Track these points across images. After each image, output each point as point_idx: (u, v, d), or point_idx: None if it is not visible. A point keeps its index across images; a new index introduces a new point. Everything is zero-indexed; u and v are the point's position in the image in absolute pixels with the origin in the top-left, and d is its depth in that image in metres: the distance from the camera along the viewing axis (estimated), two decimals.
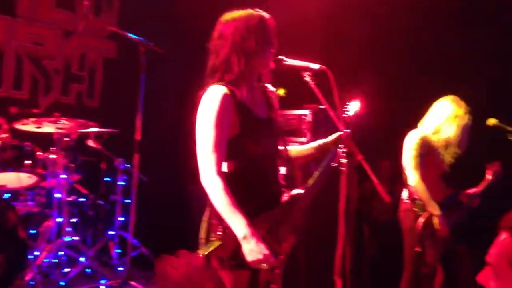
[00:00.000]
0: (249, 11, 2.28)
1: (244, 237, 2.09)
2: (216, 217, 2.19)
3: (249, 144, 2.22)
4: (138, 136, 4.30)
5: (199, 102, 2.24)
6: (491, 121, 3.64)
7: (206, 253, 2.14)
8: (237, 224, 2.10)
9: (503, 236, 1.23)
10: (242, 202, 2.14)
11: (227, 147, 2.20)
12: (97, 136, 4.85)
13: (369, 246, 5.01)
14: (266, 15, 2.30)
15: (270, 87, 2.44)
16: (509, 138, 3.51)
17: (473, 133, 3.76)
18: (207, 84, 2.25)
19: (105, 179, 5.07)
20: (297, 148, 2.59)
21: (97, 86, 5.78)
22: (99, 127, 4.69)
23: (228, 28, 2.25)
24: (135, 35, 4.36)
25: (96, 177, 5.05)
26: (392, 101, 4.98)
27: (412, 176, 3.60)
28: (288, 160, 2.44)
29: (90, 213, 4.82)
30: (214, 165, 2.14)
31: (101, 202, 4.93)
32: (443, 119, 3.72)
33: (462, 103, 3.75)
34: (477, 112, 3.78)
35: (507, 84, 4.83)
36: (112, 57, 5.79)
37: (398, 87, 5.09)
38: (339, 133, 2.43)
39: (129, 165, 4.73)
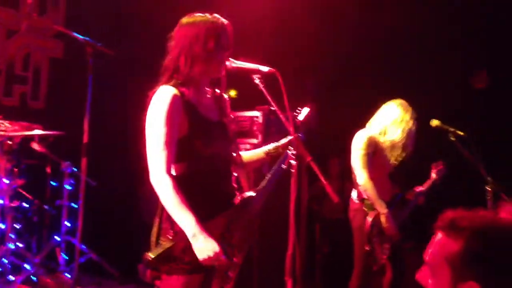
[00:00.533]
0: (206, 16, 2.30)
1: (193, 235, 2.08)
2: (168, 220, 2.18)
3: (198, 145, 2.23)
4: (85, 138, 4.19)
5: (149, 102, 2.24)
6: (434, 122, 3.76)
7: (154, 256, 2.11)
8: (186, 222, 2.09)
9: (439, 235, 1.27)
10: (194, 204, 2.13)
11: (178, 148, 2.20)
12: (42, 139, 4.69)
13: (321, 244, 5.08)
14: (220, 21, 2.31)
15: (222, 93, 2.44)
16: (451, 138, 3.64)
17: (418, 135, 3.88)
18: (157, 85, 2.26)
19: (51, 183, 4.91)
20: (249, 153, 2.61)
21: (42, 87, 5.60)
22: (44, 130, 4.55)
23: (180, 31, 2.30)
24: (82, 35, 4.24)
25: (41, 181, 4.88)
26: (340, 101, 5.08)
27: (361, 175, 3.68)
28: (241, 164, 2.46)
29: (35, 218, 4.66)
30: (164, 163, 2.14)
31: (46, 207, 4.78)
32: (390, 122, 3.82)
33: (409, 108, 3.85)
34: (421, 113, 3.90)
35: (449, 86, 5.01)
36: (58, 57, 5.63)
37: (347, 88, 5.19)
38: (289, 137, 2.46)
39: (76, 169, 4.60)
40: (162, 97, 2.20)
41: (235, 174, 2.41)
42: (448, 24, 5.00)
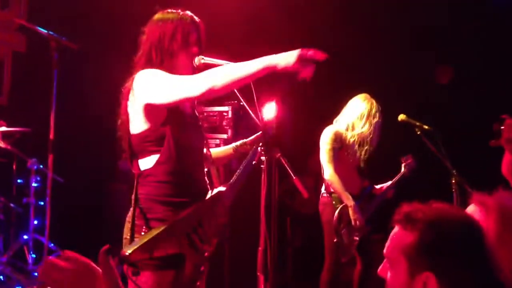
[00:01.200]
0: (177, 13, 2.34)
1: (265, 59, 2.07)
2: (141, 217, 2.19)
3: (175, 132, 2.22)
4: (51, 135, 4.11)
5: (127, 93, 2.25)
6: (401, 117, 3.84)
7: (131, 251, 2.10)
8: (260, 60, 2.09)
9: (396, 229, 1.31)
10: (173, 192, 2.17)
11: (155, 135, 2.21)
12: (6, 136, 4.58)
13: (293, 238, 5.12)
14: (190, 17, 2.34)
15: None
16: (418, 132, 3.72)
17: (385, 128, 3.95)
18: (131, 76, 2.27)
19: (17, 181, 4.81)
20: (217, 149, 2.65)
21: (6, 82, 5.45)
22: (9, 126, 4.45)
23: (151, 27, 2.34)
24: (45, 29, 4.14)
25: (7, 179, 4.78)
26: (310, 97, 5.11)
27: (327, 169, 3.73)
28: (211, 160, 2.46)
29: (1, 217, 4.57)
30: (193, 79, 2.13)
31: (13, 205, 4.68)
32: (356, 116, 3.88)
33: (374, 102, 3.92)
34: (388, 108, 3.96)
35: (416, 80, 5.10)
36: (21, 51, 5.49)
37: (318, 84, 5.23)
38: (257, 133, 2.48)
39: (42, 166, 4.51)
40: (149, 72, 2.22)
41: (206, 169, 2.41)
42: (413, 20, 5.08)
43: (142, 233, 2.15)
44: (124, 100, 2.29)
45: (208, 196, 2.33)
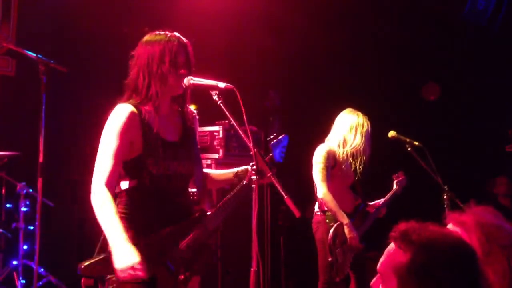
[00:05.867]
0: (164, 35, 2.35)
1: (113, 244, 2.10)
2: None
3: (149, 164, 2.27)
4: (41, 158, 4.07)
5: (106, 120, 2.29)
6: (391, 133, 3.85)
7: (86, 264, 2.17)
8: (111, 231, 2.12)
9: (391, 245, 1.31)
10: (136, 219, 2.22)
11: (130, 166, 2.27)
12: None
13: (286, 256, 5.08)
14: (178, 39, 2.35)
15: (187, 110, 2.48)
16: (408, 149, 3.73)
17: (375, 146, 3.95)
18: (117, 103, 2.32)
19: (6, 205, 4.75)
20: (219, 172, 2.66)
21: None
22: None
23: (139, 50, 2.36)
24: (34, 52, 4.14)
25: None
26: (299, 113, 5.13)
27: (320, 188, 3.72)
28: (201, 180, 2.46)
29: None
30: (105, 175, 2.18)
31: (1, 230, 4.61)
32: (346, 130, 3.88)
33: (359, 112, 3.94)
34: (378, 125, 3.98)
35: (404, 97, 5.14)
36: (10, 75, 5.46)
37: (308, 101, 5.25)
38: (246, 166, 2.49)
39: (32, 190, 4.47)
40: (118, 113, 2.27)
41: (193, 190, 2.41)
42: (400, 38, 5.15)
43: (109, 249, 2.19)
44: None
45: (191, 217, 2.35)
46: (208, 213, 2.38)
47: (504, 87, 5.12)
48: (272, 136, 2.55)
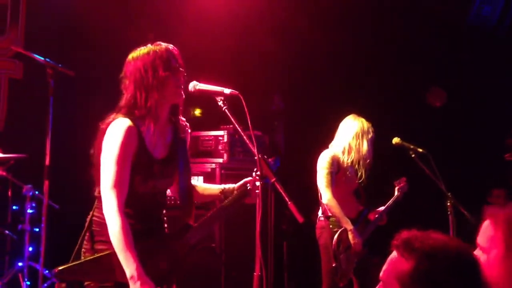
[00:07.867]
0: (149, 46, 2.34)
1: (131, 277, 2.13)
2: (89, 241, 2.32)
3: (136, 182, 2.28)
4: (47, 161, 4.10)
5: (102, 133, 2.28)
6: (395, 140, 3.86)
7: (61, 268, 2.20)
8: (129, 263, 2.15)
9: (394, 254, 1.32)
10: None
11: None
12: (2, 162, 4.57)
13: (289, 261, 5.09)
14: (164, 46, 2.34)
15: (180, 122, 2.47)
16: (412, 155, 3.73)
17: (378, 152, 3.96)
18: (113, 117, 2.30)
19: (12, 207, 4.78)
20: (205, 186, 2.68)
21: (2, 108, 5.46)
22: (4, 153, 4.45)
23: (130, 67, 2.33)
24: (42, 56, 4.18)
25: (2, 205, 4.75)
26: (303, 118, 5.14)
27: (325, 194, 3.73)
28: (187, 194, 2.46)
29: None
30: (115, 201, 2.20)
31: (8, 232, 4.65)
32: (351, 137, 3.89)
33: (363, 119, 3.95)
34: (382, 131, 3.99)
35: (409, 104, 5.14)
36: (18, 78, 5.51)
37: (312, 105, 5.26)
38: (246, 179, 2.51)
39: (38, 192, 4.50)
40: (116, 130, 2.25)
41: (171, 196, 2.50)
42: (407, 42, 5.15)
43: (88, 254, 2.26)
44: (100, 135, 2.32)
45: (171, 233, 2.39)
46: (190, 227, 2.39)
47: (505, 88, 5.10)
48: (266, 157, 2.52)
